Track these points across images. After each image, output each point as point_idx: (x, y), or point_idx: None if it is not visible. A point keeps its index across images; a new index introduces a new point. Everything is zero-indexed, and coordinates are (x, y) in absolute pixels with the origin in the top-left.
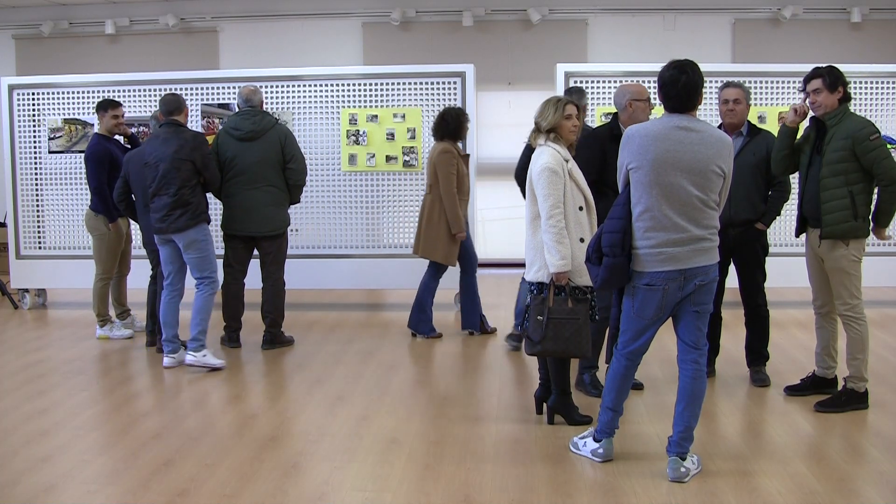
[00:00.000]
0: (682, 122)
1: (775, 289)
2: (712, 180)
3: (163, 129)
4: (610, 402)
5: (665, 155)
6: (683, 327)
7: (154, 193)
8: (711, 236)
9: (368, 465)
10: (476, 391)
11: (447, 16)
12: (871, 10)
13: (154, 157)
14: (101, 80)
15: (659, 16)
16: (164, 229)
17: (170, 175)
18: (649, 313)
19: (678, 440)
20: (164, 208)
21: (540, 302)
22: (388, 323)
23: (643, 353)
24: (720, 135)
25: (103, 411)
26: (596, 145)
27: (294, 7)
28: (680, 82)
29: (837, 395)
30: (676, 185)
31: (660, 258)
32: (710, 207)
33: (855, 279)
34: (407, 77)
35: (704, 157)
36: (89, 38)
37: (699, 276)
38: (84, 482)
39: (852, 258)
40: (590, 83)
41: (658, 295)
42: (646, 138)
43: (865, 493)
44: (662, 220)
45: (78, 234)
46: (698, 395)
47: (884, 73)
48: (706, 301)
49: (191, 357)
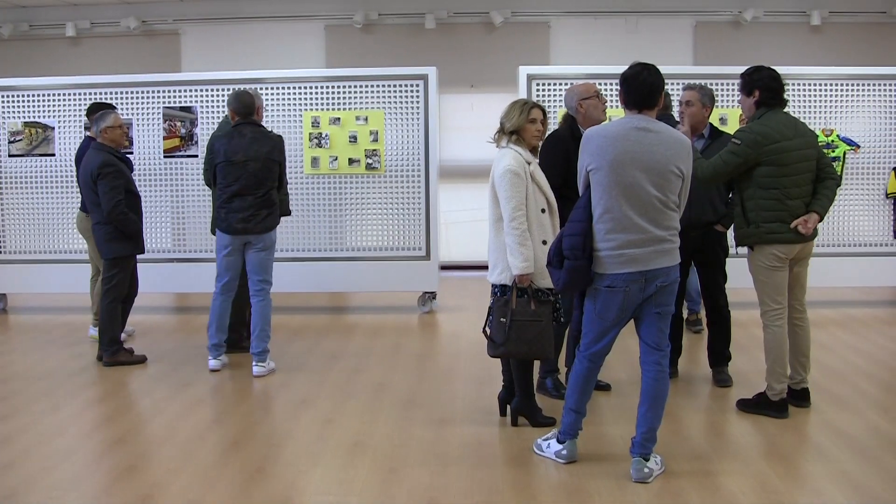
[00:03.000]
0: (640, 122)
1: (737, 290)
2: (671, 181)
3: (248, 127)
4: (573, 403)
5: (623, 156)
6: (645, 329)
7: (237, 193)
8: (672, 237)
9: (333, 468)
10: (440, 393)
11: (410, 18)
12: (831, 13)
13: (243, 155)
14: (62, 83)
15: (621, 18)
16: (250, 229)
17: (261, 175)
18: (611, 315)
19: (641, 441)
20: (249, 208)
21: (503, 304)
22: (351, 326)
23: (605, 354)
24: (679, 136)
25: (66, 417)
26: (558, 148)
27: (256, 10)
28: (641, 77)
29: (756, 396)
30: (636, 185)
31: (621, 260)
32: (669, 208)
33: (765, 286)
34: (370, 80)
35: (663, 158)
36: (50, 40)
37: (660, 278)
38: (47, 488)
39: (758, 264)
40: (552, 86)
41: (619, 297)
42: (605, 139)
43: (828, 492)
44: (623, 220)
45: (39, 238)
46: (661, 397)
47: (842, 75)
48: (668, 303)
49: (259, 368)
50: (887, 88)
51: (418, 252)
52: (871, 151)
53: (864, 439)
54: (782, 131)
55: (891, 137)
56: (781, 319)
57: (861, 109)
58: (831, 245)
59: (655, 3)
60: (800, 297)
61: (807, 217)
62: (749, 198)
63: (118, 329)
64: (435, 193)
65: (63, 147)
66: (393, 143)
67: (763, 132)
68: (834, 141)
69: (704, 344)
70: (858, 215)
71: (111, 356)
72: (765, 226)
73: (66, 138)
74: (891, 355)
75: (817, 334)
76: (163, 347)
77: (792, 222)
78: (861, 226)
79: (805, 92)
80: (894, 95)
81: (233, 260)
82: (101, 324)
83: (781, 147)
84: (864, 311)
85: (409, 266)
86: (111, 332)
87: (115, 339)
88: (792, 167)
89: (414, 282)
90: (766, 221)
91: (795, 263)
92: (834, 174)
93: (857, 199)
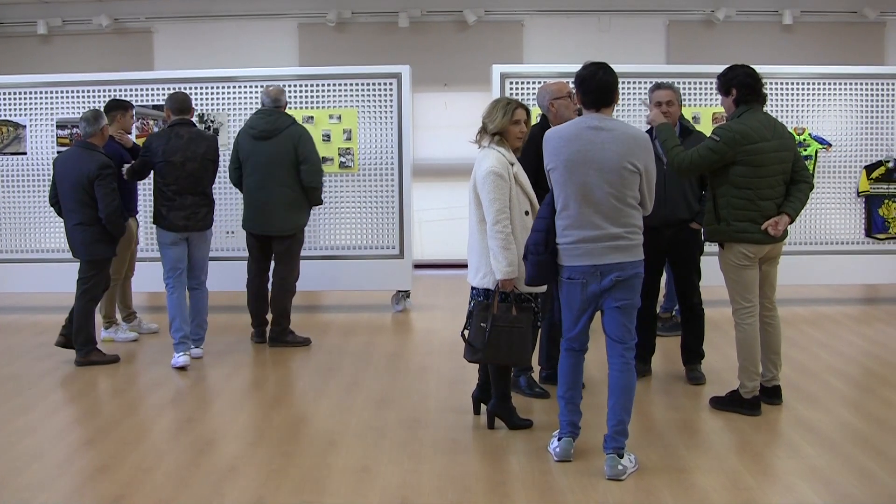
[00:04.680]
0: (593, 121)
1: (710, 287)
2: (626, 178)
3: (183, 128)
4: (560, 390)
5: (576, 155)
6: (608, 322)
7: (178, 192)
8: (629, 234)
9: (306, 467)
10: (412, 392)
11: (383, 17)
12: (802, 12)
13: (181, 155)
14: (33, 81)
15: (594, 17)
16: (191, 227)
17: (198, 174)
18: (576, 304)
19: (612, 435)
20: (190, 206)
21: (483, 308)
22: (324, 324)
23: (582, 339)
24: (634, 132)
25: (36, 418)
26: (530, 147)
27: (229, 8)
28: (597, 77)
29: (729, 394)
30: (589, 183)
31: (576, 253)
32: (628, 205)
33: (735, 284)
34: (343, 78)
35: (615, 155)
36: (20, 38)
37: (615, 272)
38: (17, 489)
39: (728, 262)
40: (526, 84)
41: (578, 288)
42: (560, 140)
43: (799, 489)
44: (578, 217)
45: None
46: (627, 389)
47: (814, 74)
48: (627, 297)
49: (198, 351)
50: (858, 87)
51: (392, 251)
52: (843, 150)
53: (834, 436)
54: (761, 132)
55: (862, 136)
56: (752, 317)
57: (832, 108)
58: (803, 243)
59: (628, 3)
60: (770, 295)
61: (777, 219)
62: (722, 195)
63: (93, 329)
64: (408, 192)
65: (35, 146)
66: (366, 141)
67: (742, 131)
68: (805, 140)
69: (678, 342)
70: (830, 214)
71: (84, 356)
72: (735, 224)
73: (38, 137)
74: (861, 353)
75: (789, 332)
76: (134, 346)
77: (763, 223)
78: (832, 224)
79: (777, 91)
80: (865, 94)
81: (179, 251)
82: (77, 323)
83: (758, 148)
84: (835, 308)
85: (383, 264)
86: (86, 331)
87: (90, 339)
88: (766, 168)
89: (387, 280)
90: (737, 220)
91: (765, 262)
92: (808, 178)
93: (828, 198)
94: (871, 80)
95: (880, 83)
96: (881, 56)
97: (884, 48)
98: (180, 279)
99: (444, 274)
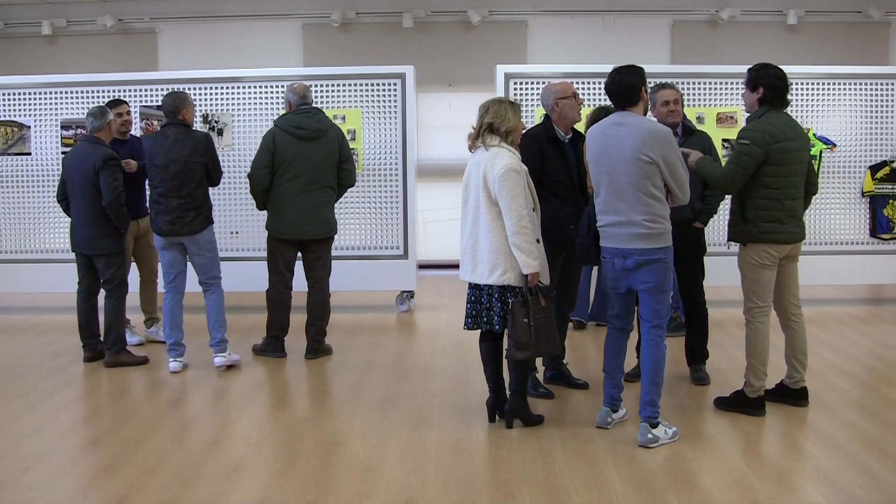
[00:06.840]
0: (618, 118)
1: (714, 287)
2: (643, 169)
3: (170, 129)
4: (604, 366)
5: (602, 149)
6: (640, 303)
7: (163, 195)
8: (650, 223)
9: (310, 468)
10: (417, 393)
11: (387, 17)
12: (807, 12)
13: (163, 158)
14: (38, 82)
15: (598, 17)
16: (177, 231)
17: (182, 177)
18: (610, 282)
19: (642, 404)
20: (175, 210)
21: (522, 304)
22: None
23: (623, 318)
24: (651, 125)
25: (41, 417)
26: (534, 147)
27: (234, 8)
28: (616, 80)
29: (734, 393)
30: (613, 175)
31: (605, 235)
32: (650, 196)
33: (752, 283)
34: (347, 79)
35: (630, 147)
36: (25, 38)
37: (634, 256)
38: (22, 489)
39: (749, 261)
40: (530, 84)
41: (609, 266)
42: (591, 135)
43: (804, 489)
44: (608, 204)
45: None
46: (654, 363)
47: (819, 74)
48: (651, 280)
49: (221, 358)
50: (863, 87)
51: (396, 251)
52: (848, 150)
53: (840, 437)
54: (785, 131)
55: (866, 136)
56: (765, 317)
57: (837, 108)
58: (808, 243)
59: (633, 3)
60: (795, 293)
61: None
62: (749, 197)
63: (123, 328)
64: (413, 192)
65: (39, 146)
66: (370, 142)
67: (769, 131)
68: (810, 140)
69: (682, 342)
70: (834, 214)
71: (114, 355)
72: (762, 225)
73: (43, 137)
74: (866, 353)
75: None
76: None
77: (788, 223)
78: (837, 224)
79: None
80: (870, 94)
81: (172, 255)
82: (107, 321)
83: (784, 147)
84: (839, 309)
85: (387, 265)
86: (117, 330)
87: (120, 339)
88: (792, 167)
89: (392, 281)
90: (764, 221)
91: (785, 260)
92: (814, 183)
93: (833, 198)
94: (876, 80)
95: (885, 83)
96: (886, 56)
97: (888, 48)
98: (173, 284)
99: (449, 274)
